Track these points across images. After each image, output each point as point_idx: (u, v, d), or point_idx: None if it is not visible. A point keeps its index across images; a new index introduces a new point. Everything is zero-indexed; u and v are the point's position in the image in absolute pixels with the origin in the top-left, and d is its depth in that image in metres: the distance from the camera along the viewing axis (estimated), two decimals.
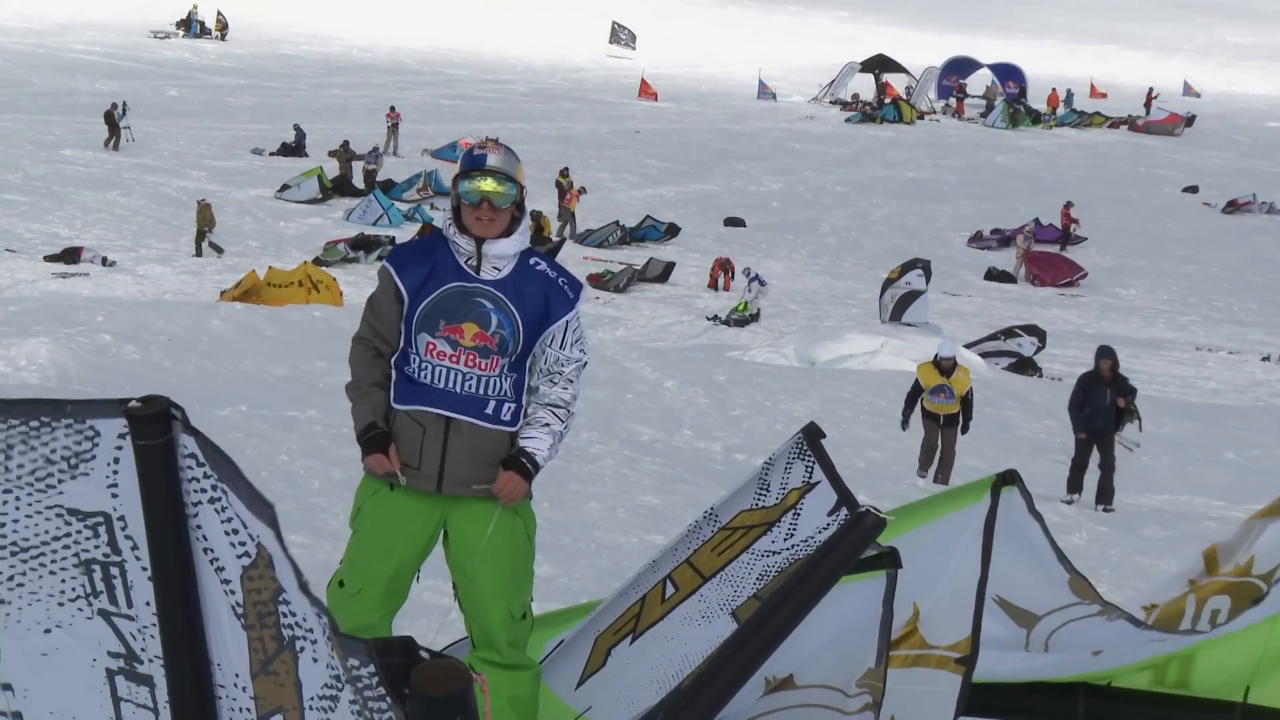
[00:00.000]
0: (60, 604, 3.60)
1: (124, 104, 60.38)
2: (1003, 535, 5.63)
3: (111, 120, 58.55)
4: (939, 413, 21.84)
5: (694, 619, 5.57)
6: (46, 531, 3.53)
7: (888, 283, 41.55)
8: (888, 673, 4.98)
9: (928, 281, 40.98)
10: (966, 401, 21.90)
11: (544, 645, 6.31)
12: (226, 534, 3.40)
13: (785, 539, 5.36)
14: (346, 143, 57.54)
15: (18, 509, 3.51)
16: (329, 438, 16.06)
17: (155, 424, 3.37)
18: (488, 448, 5.99)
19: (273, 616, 3.39)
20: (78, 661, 3.64)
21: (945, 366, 21.99)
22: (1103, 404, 20.89)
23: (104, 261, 41.00)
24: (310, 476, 13.98)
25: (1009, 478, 5.74)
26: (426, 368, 5.98)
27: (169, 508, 3.41)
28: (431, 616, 8.83)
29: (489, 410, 5.99)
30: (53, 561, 3.56)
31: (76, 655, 3.64)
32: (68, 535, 3.52)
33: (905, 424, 22.11)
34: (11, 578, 3.58)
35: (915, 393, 22.00)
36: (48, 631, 3.62)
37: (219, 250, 43.54)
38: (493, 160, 6.05)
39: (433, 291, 5.98)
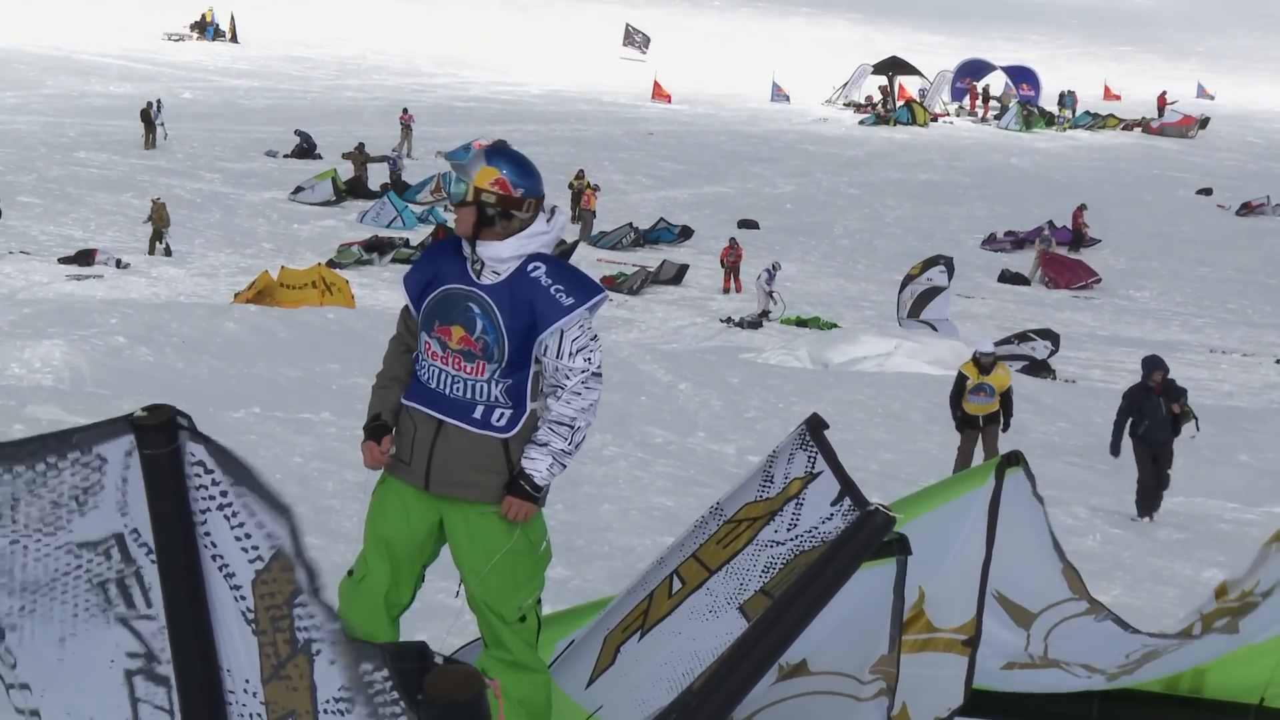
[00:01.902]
0: (74, 617, 3.59)
1: (159, 102, 60.97)
2: (1005, 518, 5.64)
3: (147, 119, 59.34)
4: (979, 413, 21.26)
5: (701, 613, 5.57)
6: (56, 569, 3.52)
7: (908, 279, 41.52)
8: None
9: (950, 278, 40.96)
10: (1006, 398, 21.36)
11: (555, 645, 6.31)
12: (238, 539, 3.38)
13: (789, 529, 5.36)
14: (362, 145, 57.64)
15: (25, 557, 3.50)
16: (343, 439, 16.07)
17: (161, 433, 3.36)
18: (476, 452, 5.96)
19: (287, 620, 3.37)
20: (94, 664, 3.64)
21: (985, 364, 21.37)
22: (1159, 416, 19.96)
23: (118, 263, 41.05)
24: (324, 478, 13.99)
25: (1013, 459, 5.76)
26: (424, 366, 6.02)
27: (176, 515, 3.40)
28: (445, 618, 8.83)
29: (476, 415, 5.95)
30: (64, 591, 3.56)
31: (93, 658, 3.63)
32: (79, 567, 3.52)
33: (960, 427, 21.51)
34: (22, 608, 3.58)
35: (959, 391, 21.39)
36: (62, 641, 3.62)
37: (169, 251, 43.28)
38: (465, 155, 6.09)
39: (433, 291, 6.01)
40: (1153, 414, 19.97)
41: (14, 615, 3.58)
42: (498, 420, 5.97)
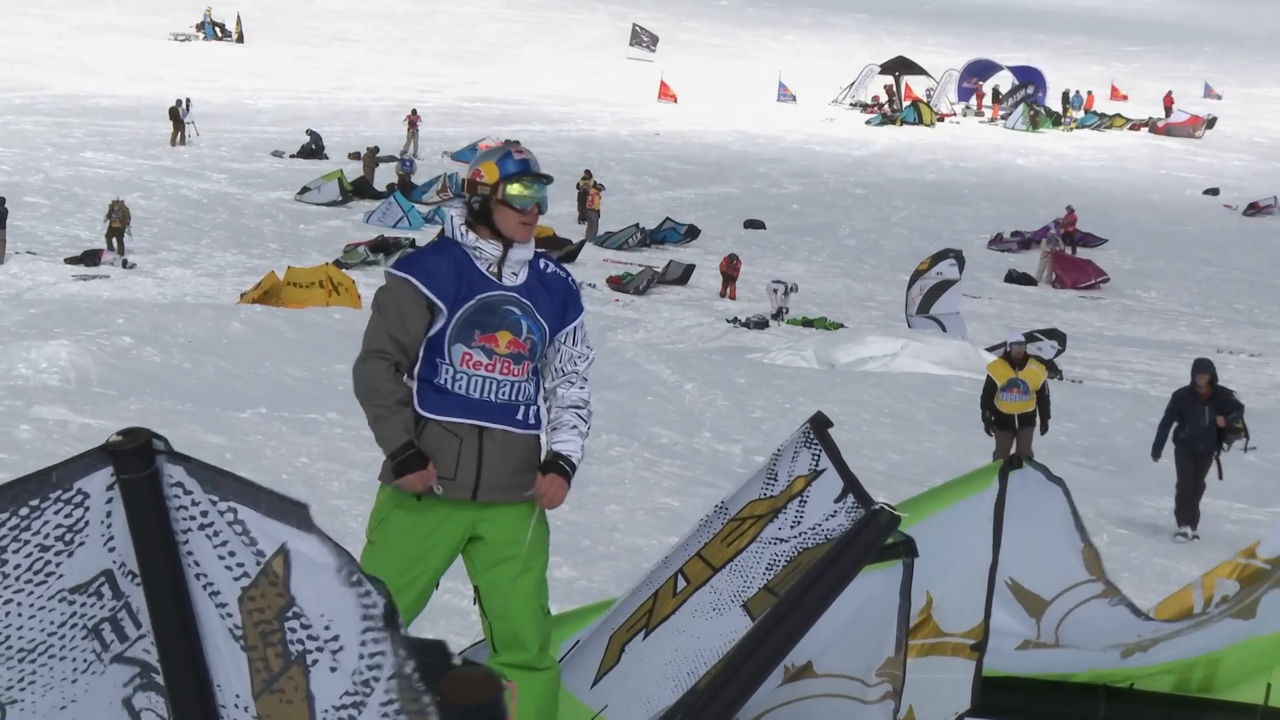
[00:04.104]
0: (74, 680, 3.59)
1: (188, 100, 61.38)
2: (1016, 515, 5.66)
3: (176, 116, 59.95)
4: (1014, 412, 20.34)
5: (705, 611, 5.57)
6: (53, 622, 3.51)
7: (917, 274, 41.53)
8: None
9: (960, 270, 40.95)
10: (1043, 397, 20.41)
11: (560, 645, 6.31)
12: (221, 558, 3.38)
13: (792, 526, 5.38)
14: (376, 148, 57.92)
15: (20, 614, 3.49)
16: (349, 440, 16.08)
17: (138, 457, 3.36)
18: (520, 453, 6.00)
19: (278, 634, 3.36)
20: (97, 711, 3.64)
21: (1016, 356, 20.45)
22: (1201, 424, 18.86)
23: (124, 264, 41.10)
24: (330, 479, 13.99)
25: (1016, 462, 5.79)
26: (462, 378, 5.93)
27: (159, 539, 3.40)
28: (452, 618, 8.83)
29: (519, 416, 6.00)
30: (61, 645, 3.55)
31: (95, 708, 3.64)
32: (74, 615, 3.51)
33: (989, 428, 20.68)
34: (22, 679, 3.57)
35: (989, 394, 20.51)
36: (63, 709, 3.62)
37: (122, 249, 43.06)
38: (535, 164, 6.06)
39: (466, 301, 5.93)
40: (1194, 420, 18.93)
41: (14, 689, 3.57)
42: (532, 418, 6.05)
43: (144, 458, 3.35)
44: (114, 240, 42.79)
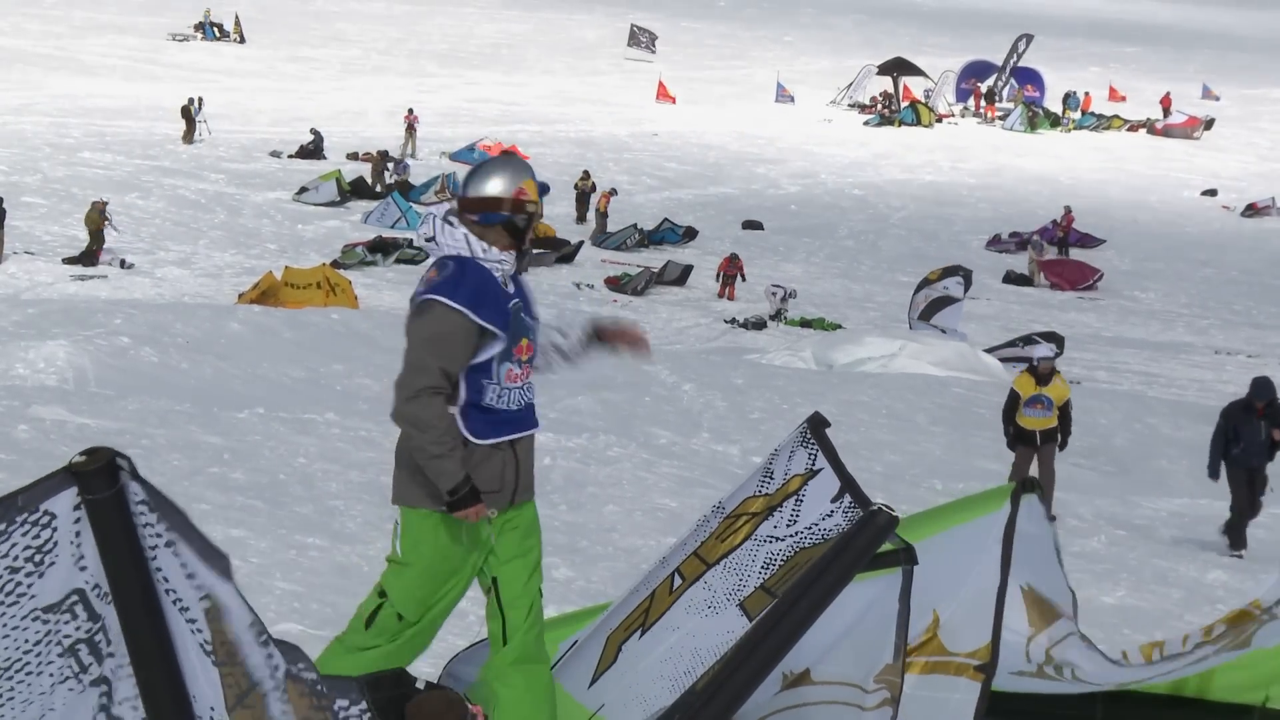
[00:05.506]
0: (51, 692, 3.59)
1: (200, 99, 61.49)
2: (1023, 541, 5.65)
3: (188, 115, 60.29)
4: (1036, 428, 19.71)
5: (700, 608, 5.58)
6: (28, 640, 3.52)
7: (925, 282, 41.51)
8: (907, 678, 4.99)
9: (966, 290, 40.94)
10: (1065, 413, 19.85)
11: (559, 646, 6.32)
12: (187, 576, 3.40)
13: (788, 525, 5.39)
14: (385, 152, 58.03)
15: None
16: (347, 440, 16.06)
17: (102, 477, 3.36)
18: (534, 450, 6.13)
19: (240, 655, 3.39)
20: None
21: (1043, 371, 19.83)
22: (1258, 439, 18.33)
23: (122, 264, 41.08)
24: (328, 479, 13.97)
25: (1029, 485, 5.76)
26: (505, 394, 5.96)
27: (129, 556, 3.40)
28: (451, 618, 8.81)
29: (536, 414, 6.17)
30: (38, 662, 3.55)
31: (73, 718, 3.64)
32: (49, 633, 3.52)
33: (1012, 444, 20.03)
34: (0, 695, 3.57)
35: (1013, 407, 19.88)
36: (43, 718, 3.62)
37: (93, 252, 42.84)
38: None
39: (509, 321, 5.95)
40: (1250, 437, 18.40)
41: None
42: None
43: (108, 477, 3.35)
44: (100, 240, 42.69)
